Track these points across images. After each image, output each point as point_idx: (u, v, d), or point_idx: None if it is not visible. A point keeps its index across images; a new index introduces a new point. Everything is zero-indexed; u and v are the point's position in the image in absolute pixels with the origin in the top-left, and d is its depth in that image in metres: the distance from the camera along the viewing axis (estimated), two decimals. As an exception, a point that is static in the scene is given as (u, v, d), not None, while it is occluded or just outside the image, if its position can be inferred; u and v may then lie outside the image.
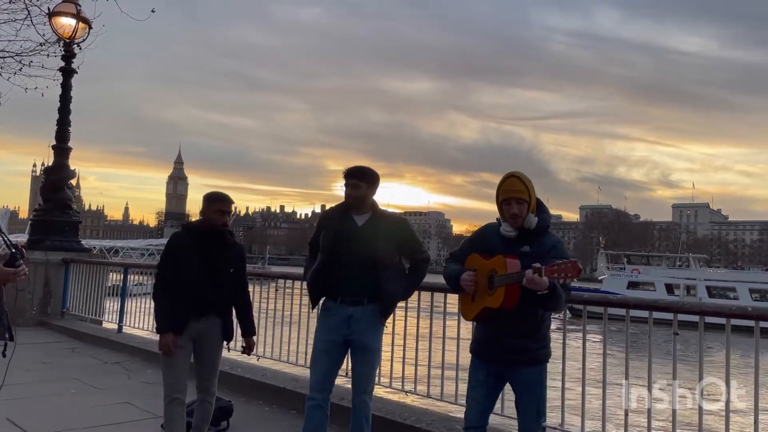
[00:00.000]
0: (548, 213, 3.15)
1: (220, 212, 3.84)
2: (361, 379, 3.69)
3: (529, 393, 3.05)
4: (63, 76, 9.74)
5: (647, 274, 39.14)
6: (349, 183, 3.64)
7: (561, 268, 2.67)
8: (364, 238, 3.57)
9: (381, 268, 3.55)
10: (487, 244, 3.13)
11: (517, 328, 2.98)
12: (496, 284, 2.90)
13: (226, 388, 5.55)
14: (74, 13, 9.40)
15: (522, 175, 3.06)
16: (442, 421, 4.35)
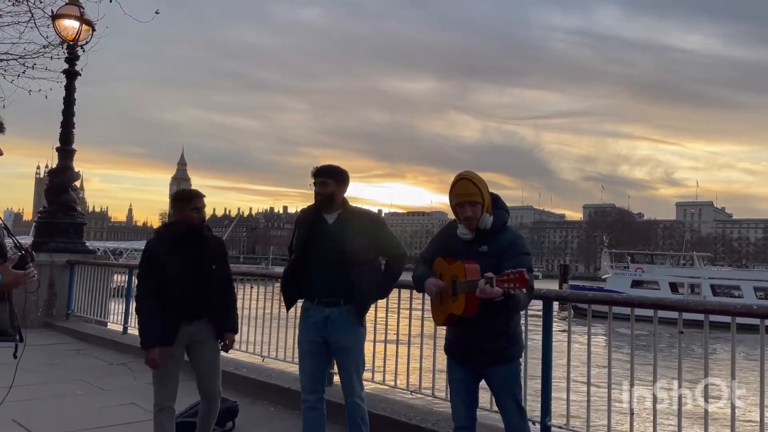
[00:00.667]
0: (506, 209, 3.13)
1: (196, 210, 3.76)
2: (346, 382, 3.64)
3: (506, 390, 3.07)
4: (66, 78, 9.77)
5: (651, 272, 39.01)
6: (317, 181, 3.61)
7: (510, 279, 2.64)
8: (334, 236, 3.54)
9: (351, 266, 3.48)
10: (448, 246, 3.13)
11: (485, 331, 2.98)
12: (458, 291, 2.90)
13: (232, 389, 5.57)
14: (77, 16, 9.43)
15: (473, 175, 3.06)
16: (447, 421, 4.32)
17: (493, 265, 2.80)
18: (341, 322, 3.55)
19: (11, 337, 2.51)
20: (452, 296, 2.96)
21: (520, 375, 3.15)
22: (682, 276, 37.72)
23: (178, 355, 3.71)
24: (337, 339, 3.56)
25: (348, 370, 3.62)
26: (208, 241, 3.83)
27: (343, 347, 3.59)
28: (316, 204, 3.64)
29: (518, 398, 3.10)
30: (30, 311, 9.11)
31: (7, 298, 2.46)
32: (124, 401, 5.30)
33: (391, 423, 4.46)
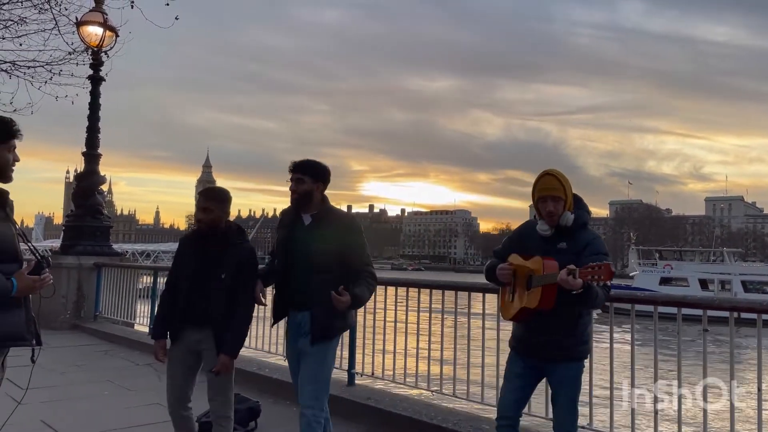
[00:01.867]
0: (587, 210, 3.17)
1: (201, 210, 3.47)
2: (303, 384, 3.36)
3: (565, 389, 3.08)
4: (91, 84, 9.94)
5: (680, 269, 38.28)
6: (292, 178, 3.35)
7: (594, 271, 2.68)
8: (306, 238, 3.32)
9: (315, 272, 3.25)
10: (525, 242, 3.17)
11: (555, 326, 3.00)
12: (533, 284, 2.94)
13: (255, 389, 5.61)
14: (101, 22, 9.58)
15: (558, 172, 3.09)
16: (469, 421, 4.32)
17: (570, 262, 2.81)
18: (307, 328, 3.31)
19: (28, 342, 2.53)
20: (526, 290, 2.99)
21: (581, 376, 3.13)
22: (712, 272, 36.96)
23: (184, 356, 3.51)
24: (302, 345, 3.35)
25: (305, 375, 3.35)
26: (226, 250, 3.47)
27: (305, 353, 3.35)
28: (292, 203, 3.41)
29: (575, 399, 3.09)
30: (59, 313, 9.31)
31: (23, 303, 2.49)
32: (149, 401, 5.36)
33: (412, 423, 4.45)
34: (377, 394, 5.10)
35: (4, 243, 2.42)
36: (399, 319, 5.40)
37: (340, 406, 5.05)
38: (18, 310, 2.45)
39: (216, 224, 3.46)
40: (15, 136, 2.56)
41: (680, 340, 3.59)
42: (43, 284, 2.50)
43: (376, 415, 4.74)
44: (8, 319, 2.41)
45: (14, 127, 2.57)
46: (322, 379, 3.38)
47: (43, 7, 8.99)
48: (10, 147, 2.54)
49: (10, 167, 2.55)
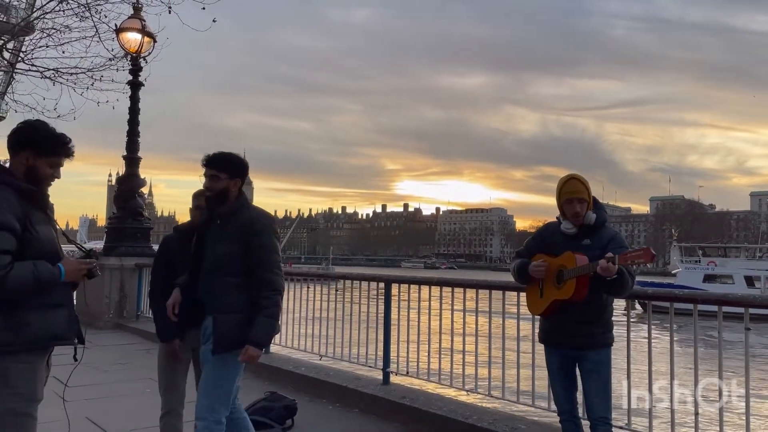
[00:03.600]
0: (604, 209, 3.39)
1: (198, 208, 3.55)
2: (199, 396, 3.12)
3: (596, 374, 3.21)
4: (131, 89, 10.20)
5: (725, 266, 37.14)
6: (206, 174, 3.12)
7: (635, 255, 2.92)
8: (214, 239, 3.11)
9: (219, 275, 3.04)
10: (548, 241, 3.39)
11: (583, 314, 3.18)
12: (566, 276, 3.13)
13: (291, 387, 5.69)
14: (139, 28, 9.82)
15: (580, 177, 3.34)
16: (504, 420, 4.30)
17: (595, 256, 3.05)
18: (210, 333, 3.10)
19: (69, 341, 2.59)
20: (556, 285, 3.21)
21: (610, 362, 3.26)
22: (759, 269, 35.77)
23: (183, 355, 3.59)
24: (205, 352, 3.13)
25: (204, 383, 3.12)
26: None
27: (205, 359, 3.14)
28: (207, 201, 3.19)
29: (608, 385, 3.22)
30: (103, 313, 9.59)
31: (66, 303, 2.56)
32: (188, 399, 5.47)
33: (447, 422, 4.45)
34: (412, 393, 5.11)
35: (46, 244, 2.48)
36: (433, 318, 5.40)
37: (374, 405, 5.09)
38: (61, 309, 2.52)
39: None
40: (62, 154, 2.55)
41: (721, 339, 3.50)
42: (89, 266, 2.56)
43: (410, 414, 4.75)
44: (51, 319, 2.48)
45: (67, 145, 2.55)
46: (220, 392, 3.09)
47: (84, 15, 9.25)
48: (53, 162, 2.53)
49: (46, 182, 2.55)
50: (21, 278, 2.35)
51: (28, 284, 2.37)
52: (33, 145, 2.50)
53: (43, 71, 9.86)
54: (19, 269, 2.35)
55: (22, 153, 2.50)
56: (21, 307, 2.40)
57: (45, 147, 2.51)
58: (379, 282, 5.85)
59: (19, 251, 2.38)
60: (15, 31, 10.36)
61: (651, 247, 2.93)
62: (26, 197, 2.45)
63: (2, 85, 13.67)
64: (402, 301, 5.78)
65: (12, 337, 2.37)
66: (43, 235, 2.48)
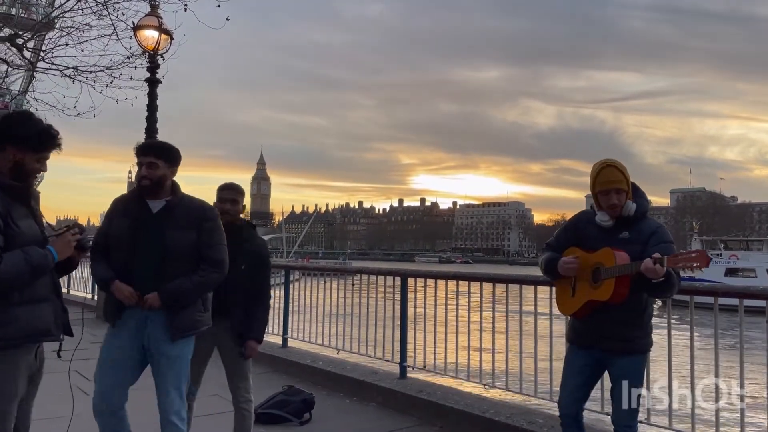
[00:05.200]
0: (646, 198, 3.06)
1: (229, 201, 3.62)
2: (162, 395, 3.06)
3: (629, 380, 2.97)
4: (148, 86, 10.27)
5: (747, 259, 36.58)
6: (143, 161, 3.02)
7: (689, 258, 2.61)
8: (159, 226, 3.02)
9: (170, 262, 2.99)
10: (581, 233, 3.09)
11: (620, 316, 2.92)
12: (603, 276, 2.86)
13: (309, 381, 5.73)
14: (157, 26, 9.88)
15: (618, 163, 3.00)
16: (522, 414, 4.28)
17: (636, 252, 2.79)
18: (164, 327, 3.01)
19: (55, 337, 2.55)
20: (592, 284, 2.93)
21: (644, 370, 3.08)
22: (782, 262, 35.18)
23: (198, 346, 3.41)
24: (157, 345, 3.02)
25: (166, 382, 3.05)
26: (243, 242, 3.59)
27: (162, 353, 3.03)
28: (142, 190, 3.06)
29: (638, 394, 2.99)
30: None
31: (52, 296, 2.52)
32: (209, 393, 5.51)
33: (464, 416, 4.45)
34: (429, 387, 5.11)
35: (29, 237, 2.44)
36: (450, 313, 5.40)
37: (391, 399, 5.11)
38: (45, 303, 2.48)
39: (238, 217, 3.66)
40: (50, 148, 2.54)
41: (742, 333, 3.45)
42: (77, 237, 2.56)
43: (428, 408, 4.76)
44: (34, 313, 2.43)
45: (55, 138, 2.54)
46: (184, 381, 3.12)
47: (102, 13, 9.36)
48: (41, 158, 2.52)
49: (33, 176, 2.53)
50: (15, 267, 2.32)
51: (22, 272, 2.34)
52: (20, 140, 2.44)
53: (63, 70, 10.01)
54: (9, 259, 2.32)
55: (9, 148, 2.44)
56: (5, 302, 2.35)
57: (33, 141, 2.47)
58: (396, 276, 5.86)
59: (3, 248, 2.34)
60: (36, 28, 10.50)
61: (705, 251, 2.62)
62: (8, 193, 2.42)
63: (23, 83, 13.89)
64: (418, 294, 5.79)
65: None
66: (26, 228, 2.43)
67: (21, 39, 10.44)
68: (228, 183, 3.75)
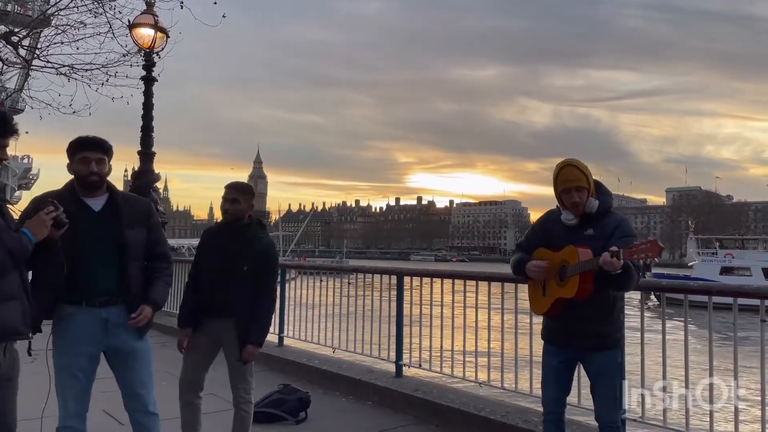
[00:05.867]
0: (609, 195, 3.15)
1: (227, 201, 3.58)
2: (135, 391, 3.07)
3: (606, 378, 3.03)
4: (144, 84, 10.24)
5: (742, 258, 36.67)
6: (92, 158, 2.95)
7: (641, 249, 2.67)
8: (107, 224, 2.96)
9: (128, 259, 2.97)
10: (549, 233, 3.17)
11: (591, 313, 2.97)
12: (569, 273, 2.92)
13: (305, 380, 5.73)
14: (152, 24, 9.84)
15: (578, 162, 3.08)
16: (517, 413, 4.29)
17: (600, 248, 2.84)
18: (124, 324, 2.98)
19: (23, 335, 2.52)
20: (559, 282, 3.00)
21: (621, 364, 3.13)
22: (777, 261, 35.28)
23: (205, 345, 3.62)
24: (123, 342, 2.99)
25: (139, 376, 3.06)
26: (247, 242, 3.57)
27: (131, 350, 3.03)
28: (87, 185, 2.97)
29: (617, 388, 3.06)
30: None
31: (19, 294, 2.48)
32: (204, 391, 5.52)
33: (460, 415, 4.46)
34: (425, 386, 5.12)
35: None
36: (445, 311, 5.41)
37: (387, 398, 5.11)
38: (13, 302, 2.44)
39: (241, 216, 3.59)
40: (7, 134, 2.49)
41: (736, 333, 3.46)
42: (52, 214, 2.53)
43: (423, 407, 4.77)
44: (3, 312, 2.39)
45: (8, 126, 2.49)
46: (151, 378, 3.14)
47: (97, 11, 9.34)
48: None
49: None
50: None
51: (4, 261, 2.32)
52: None
53: (58, 67, 9.99)
54: None
55: None
56: None
57: None
58: (392, 275, 5.86)
59: None
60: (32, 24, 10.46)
61: (658, 239, 2.67)
62: None
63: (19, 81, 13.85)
64: (414, 293, 5.79)
65: None
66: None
67: (16, 36, 10.40)
68: (232, 182, 3.69)
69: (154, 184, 10.78)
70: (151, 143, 10.49)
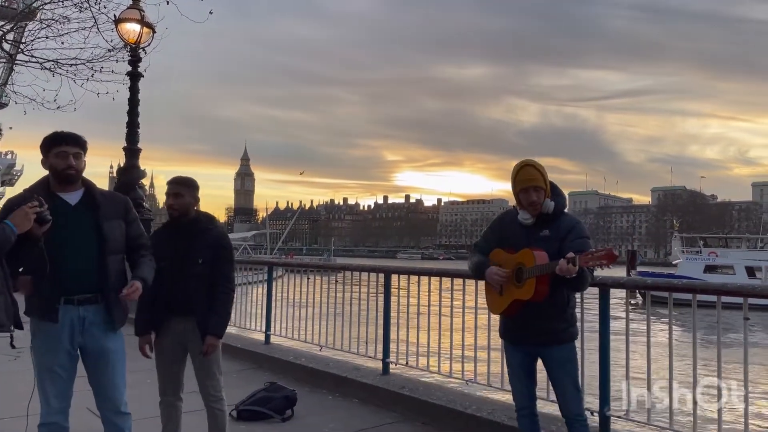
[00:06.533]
0: (563, 196, 3.22)
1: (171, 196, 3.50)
2: (109, 389, 3.08)
3: (563, 369, 3.14)
4: (130, 80, 10.14)
5: (726, 257, 37.11)
6: (70, 152, 2.92)
7: (596, 256, 2.76)
8: (84, 218, 2.94)
9: (108, 253, 2.95)
10: (506, 232, 3.24)
11: (545, 312, 3.07)
12: (526, 276, 2.99)
13: (291, 377, 5.71)
14: (138, 19, 9.76)
15: (535, 163, 3.16)
16: (503, 410, 4.30)
17: (555, 249, 2.95)
18: (101, 323, 2.99)
19: (6, 329, 2.53)
20: (516, 283, 3.05)
21: (576, 357, 3.23)
22: (760, 259, 35.74)
23: (173, 347, 3.54)
24: (97, 342, 2.99)
25: (111, 377, 3.06)
26: (198, 235, 3.48)
27: (104, 350, 3.02)
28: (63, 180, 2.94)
29: (575, 379, 3.20)
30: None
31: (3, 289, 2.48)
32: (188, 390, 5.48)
33: (447, 412, 4.47)
34: (411, 383, 5.13)
35: None
36: (433, 309, 5.41)
37: (374, 395, 5.11)
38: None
39: (187, 210, 3.52)
40: None
41: (720, 330, 3.50)
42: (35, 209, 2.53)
43: (410, 404, 4.77)
44: None
45: None
46: (124, 379, 3.15)
47: (83, 5, 9.23)
48: None
49: None
50: None
51: None
52: None
53: (43, 62, 9.86)
54: None
55: None
56: None
57: None
58: (379, 273, 5.86)
59: None
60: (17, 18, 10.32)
61: (613, 248, 2.79)
62: None
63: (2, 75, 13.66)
64: (402, 291, 5.79)
65: None
66: None
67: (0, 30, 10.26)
68: (174, 176, 3.59)
69: (139, 180, 10.70)
70: (136, 139, 10.41)
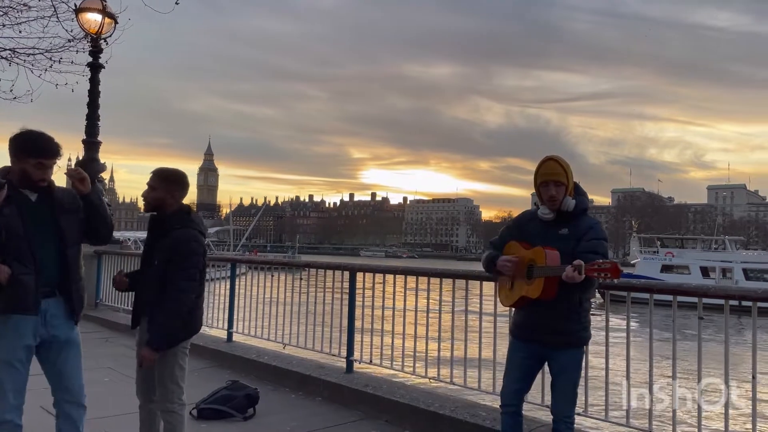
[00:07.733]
0: (586, 196, 3.20)
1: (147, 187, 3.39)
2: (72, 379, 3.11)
3: (566, 375, 3.12)
4: (91, 71, 9.89)
5: (682, 257, 38.28)
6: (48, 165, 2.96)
7: (601, 269, 2.75)
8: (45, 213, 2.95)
9: (69, 246, 3.00)
10: (524, 229, 3.21)
11: (558, 312, 3.03)
12: (535, 275, 2.98)
13: (253, 376, 5.66)
14: (100, 9, 9.51)
15: (560, 158, 3.13)
16: (466, 408, 4.35)
17: (571, 249, 2.94)
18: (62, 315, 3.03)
19: None
20: (526, 279, 3.03)
21: (581, 362, 3.21)
22: (714, 260, 36.93)
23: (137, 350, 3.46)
24: (62, 332, 3.01)
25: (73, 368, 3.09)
26: (162, 235, 3.32)
27: (67, 341, 3.05)
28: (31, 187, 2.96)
29: (576, 385, 3.16)
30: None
31: None
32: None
33: (410, 410, 4.48)
34: (375, 381, 5.13)
35: None
36: (397, 307, 5.43)
37: (337, 393, 5.10)
38: None
39: (160, 205, 3.34)
40: None
41: (675, 329, 3.60)
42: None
43: (373, 402, 4.78)
44: None
45: None
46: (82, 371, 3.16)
47: (43, -7, 8.93)
48: None
49: None
50: None
51: None
52: None
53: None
54: None
55: None
56: None
57: None
58: (344, 271, 5.84)
59: None
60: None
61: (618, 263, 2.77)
62: None
63: (-45, 64, 13.15)
64: (367, 290, 5.79)
65: None
66: None
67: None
68: (157, 168, 3.46)
69: (99, 174, 10.43)
70: (96, 132, 10.16)
